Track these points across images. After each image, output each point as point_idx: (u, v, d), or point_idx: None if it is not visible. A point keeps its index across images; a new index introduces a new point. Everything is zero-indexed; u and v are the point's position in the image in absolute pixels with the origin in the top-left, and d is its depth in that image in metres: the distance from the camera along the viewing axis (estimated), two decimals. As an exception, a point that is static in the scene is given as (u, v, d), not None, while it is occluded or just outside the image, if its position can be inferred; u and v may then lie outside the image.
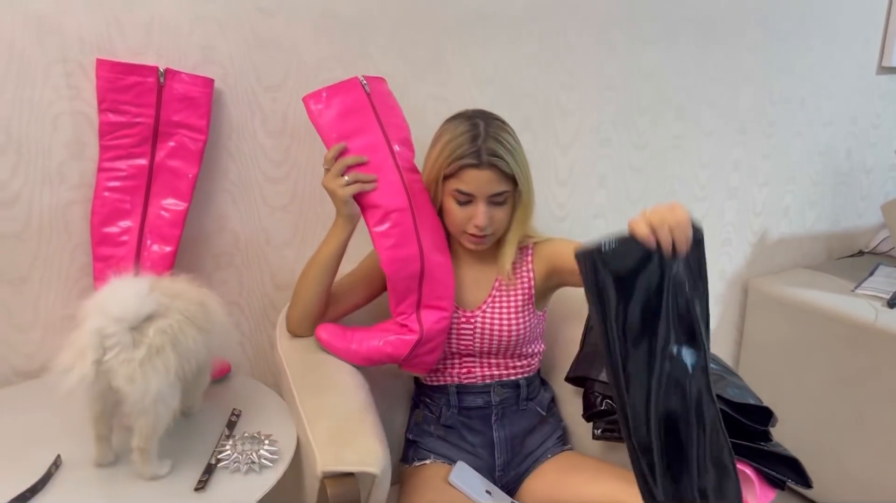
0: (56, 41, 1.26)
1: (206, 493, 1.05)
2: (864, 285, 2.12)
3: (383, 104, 1.34)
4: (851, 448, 1.99)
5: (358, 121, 1.29)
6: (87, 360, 0.96)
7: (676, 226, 0.92)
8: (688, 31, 1.92)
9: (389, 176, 1.29)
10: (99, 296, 1.01)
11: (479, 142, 1.28)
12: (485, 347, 1.38)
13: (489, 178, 1.28)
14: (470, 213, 1.31)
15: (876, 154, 2.48)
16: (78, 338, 0.98)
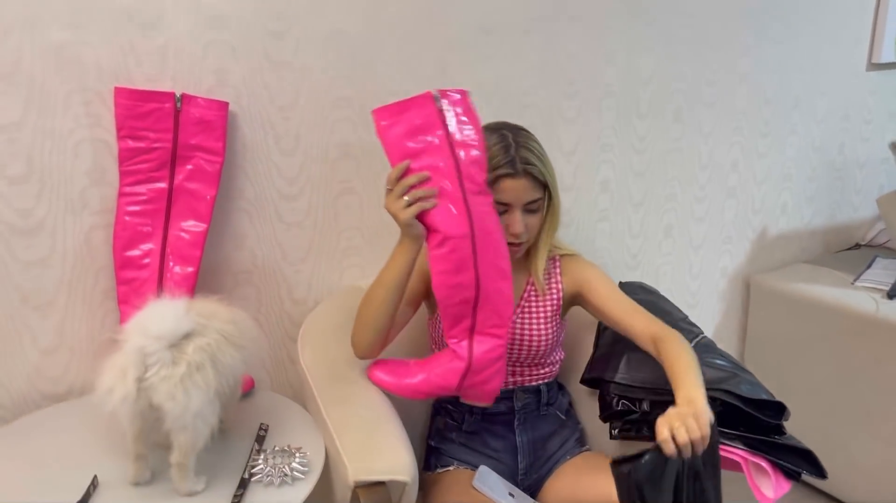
0: (75, 71, 1.29)
1: (242, 507, 1.08)
2: (863, 277, 2.17)
3: (457, 121, 1.25)
4: (858, 439, 2.03)
5: (426, 140, 1.22)
6: (129, 379, 0.99)
7: (698, 438, 1.08)
8: (683, 37, 1.97)
9: (452, 201, 1.22)
10: (138, 317, 1.05)
11: (512, 151, 1.31)
12: (513, 356, 1.42)
13: (525, 186, 1.31)
14: (506, 221, 1.33)
15: (868, 149, 2.53)
16: (119, 359, 1.01)
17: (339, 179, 1.58)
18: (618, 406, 1.38)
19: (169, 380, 1.01)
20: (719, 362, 1.32)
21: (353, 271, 1.65)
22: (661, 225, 2.10)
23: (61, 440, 1.26)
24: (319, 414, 1.27)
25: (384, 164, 1.63)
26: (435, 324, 1.45)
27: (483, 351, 1.27)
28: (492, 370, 1.29)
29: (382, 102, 1.58)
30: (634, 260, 2.08)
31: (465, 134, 1.24)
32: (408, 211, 1.20)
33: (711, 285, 2.27)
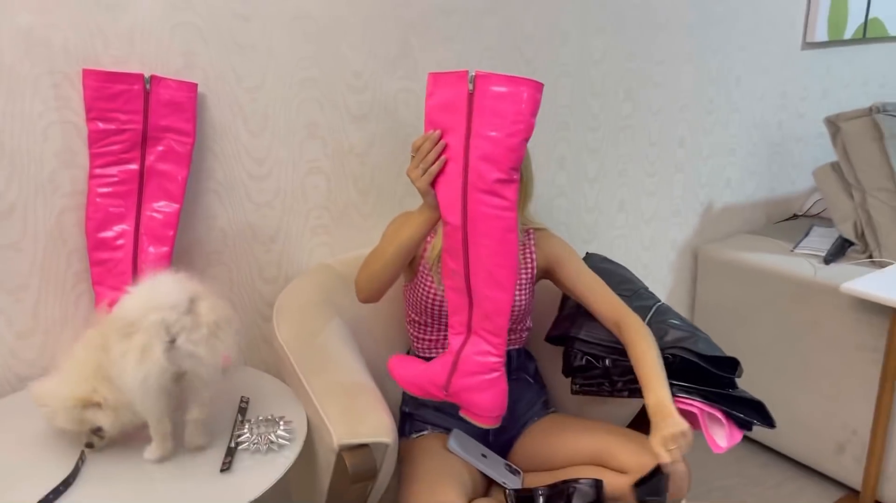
0: (43, 54, 1.29)
1: (231, 474, 1.12)
2: (802, 245, 2.30)
3: (485, 109, 1.17)
4: (799, 395, 2.17)
5: (449, 118, 1.19)
6: (157, 352, 1.03)
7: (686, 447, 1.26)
8: (633, 18, 2.05)
9: (452, 188, 1.21)
10: (136, 299, 1.08)
11: None
12: None
13: None
14: None
15: (804, 124, 2.67)
16: (136, 340, 1.04)
17: (306, 159, 1.61)
18: (581, 361, 1.45)
19: (198, 343, 1.06)
20: (677, 322, 1.41)
21: (321, 249, 1.69)
22: (614, 200, 2.19)
23: (40, 422, 1.27)
24: (300, 384, 1.31)
25: (351, 144, 1.68)
26: (412, 288, 1.50)
27: (473, 352, 1.26)
28: (482, 380, 1.26)
29: (348, 84, 1.63)
30: (590, 233, 2.17)
31: (491, 125, 1.17)
32: (422, 179, 1.22)
33: (662, 256, 2.38)
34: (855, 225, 2.19)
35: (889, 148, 2.07)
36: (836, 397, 2.09)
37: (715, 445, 1.33)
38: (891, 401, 1.94)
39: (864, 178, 2.13)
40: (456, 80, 1.18)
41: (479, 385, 1.27)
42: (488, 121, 1.17)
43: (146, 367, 1.04)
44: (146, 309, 1.05)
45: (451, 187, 1.21)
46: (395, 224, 1.48)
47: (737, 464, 2.27)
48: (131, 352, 1.05)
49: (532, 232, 1.55)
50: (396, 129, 1.71)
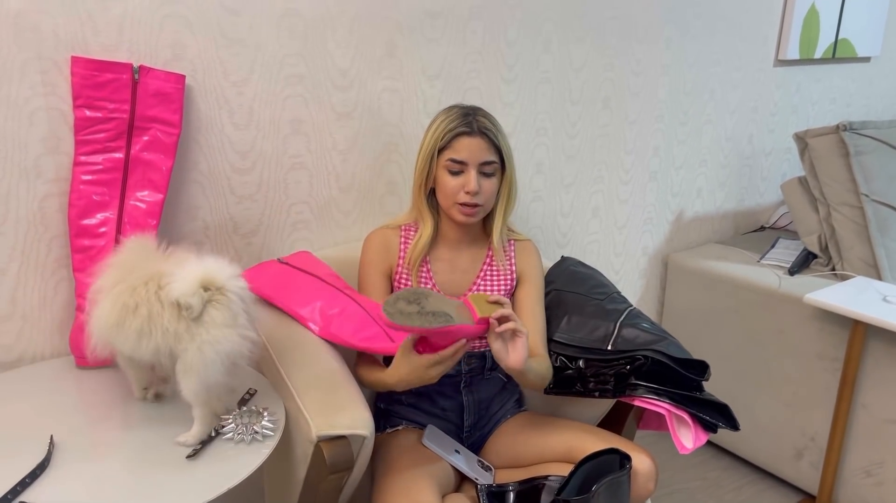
0: (32, 39, 1.29)
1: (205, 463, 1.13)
2: (768, 256, 2.38)
3: (303, 263, 1.55)
4: (762, 401, 2.24)
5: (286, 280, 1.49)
6: (242, 319, 1.13)
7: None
8: (612, 29, 2.10)
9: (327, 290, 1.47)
10: (201, 271, 1.12)
11: (471, 117, 1.44)
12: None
13: (480, 145, 1.43)
14: (462, 181, 1.44)
15: (774, 139, 2.75)
16: (216, 313, 1.11)
17: (289, 154, 1.63)
18: (556, 362, 1.49)
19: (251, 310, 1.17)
20: (647, 326, 1.45)
21: (301, 244, 1.71)
22: (589, 206, 2.24)
23: (15, 407, 1.27)
24: (280, 377, 1.33)
25: (334, 141, 1.70)
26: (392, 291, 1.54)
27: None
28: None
29: (333, 82, 1.65)
30: (564, 238, 2.22)
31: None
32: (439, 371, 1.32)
33: (633, 262, 2.44)
34: (819, 238, 2.26)
35: (854, 165, 2.15)
36: (797, 404, 2.16)
37: (681, 446, 1.38)
38: (848, 409, 2.01)
39: (829, 193, 2.21)
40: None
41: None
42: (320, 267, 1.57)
43: (234, 342, 1.10)
44: (211, 281, 1.09)
45: (356, 314, 1.42)
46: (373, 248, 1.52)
47: (699, 468, 2.33)
48: (207, 331, 1.09)
49: (513, 242, 1.58)
50: (379, 128, 1.74)
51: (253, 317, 1.17)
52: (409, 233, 1.54)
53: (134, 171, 1.41)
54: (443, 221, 1.53)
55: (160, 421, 1.23)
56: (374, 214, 1.79)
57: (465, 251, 1.54)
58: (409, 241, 1.53)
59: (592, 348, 1.45)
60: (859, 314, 1.87)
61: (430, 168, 1.47)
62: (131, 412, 1.27)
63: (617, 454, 1.33)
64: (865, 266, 2.15)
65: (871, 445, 2.01)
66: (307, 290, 1.46)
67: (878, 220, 2.14)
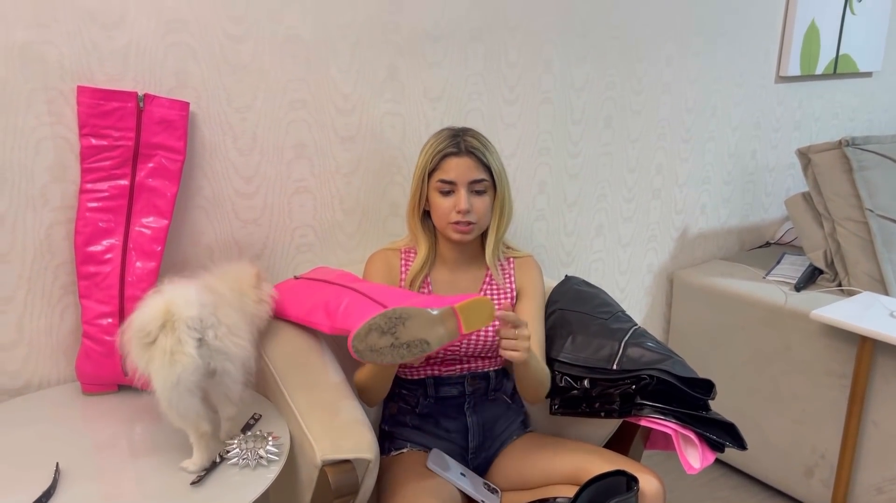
0: (38, 70, 1.31)
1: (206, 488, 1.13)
2: (773, 272, 2.37)
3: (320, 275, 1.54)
4: (770, 419, 2.22)
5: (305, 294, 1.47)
6: (189, 349, 1.08)
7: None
8: (613, 48, 2.12)
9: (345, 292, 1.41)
10: (155, 304, 1.11)
11: (459, 138, 1.48)
12: (471, 349, 1.52)
13: (468, 164, 1.45)
14: (453, 201, 1.46)
15: (777, 155, 2.75)
16: (162, 342, 1.09)
17: (293, 178, 1.64)
18: (561, 382, 1.49)
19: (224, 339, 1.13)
20: (653, 345, 1.45)
21: (306, 267, 1.71)
22: (592, 224, 2.25)
23: (21, 434, 1.28)
24: (284, 400, 1.33)
25: (337, 164, 1.71)
26: None
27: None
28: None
29: (336, 106, 1.67)
30: (569, 257, 2.22)
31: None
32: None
33: (638, 280, 2.43)
34: (825, 254, 2.26)
35: (857, 180, 2.15)
36: (806, 421, 2.14)
37: (689, 466, 1.37)
38: (858, 426, 1.99)
39: (833, 209, 2.21)
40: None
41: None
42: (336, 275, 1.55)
43: (178, 368, 1.08)
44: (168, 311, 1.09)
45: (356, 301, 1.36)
46: (375, 268, 1.54)
47: (708, 488, 2.31)
48: (158, 356, 1.09)
49: (513, 260, 1.59)
50: (382, 151, 1.75)
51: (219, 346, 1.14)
52: (409, 255, 1.56)
53: (139, 198, 1.42)
54: (440, 242, 1.55)
55: (166, 448, 1.23)
56: (378, 236, 1.80)
57: (464, 271, 1.55)
58: (409, 262, 1.54)
59: (597, 368, 1.44)
60: (866, 330, 1.86)
61: (421, 191, 1.50)
62: (137, 439, 1.28)
63: (624, 476, 1.32)
64: (872, 281, 2.14)
65: (883, 462, 1.99)
66: (315, 296, 1.45)
67: (882, 234, 2.13)
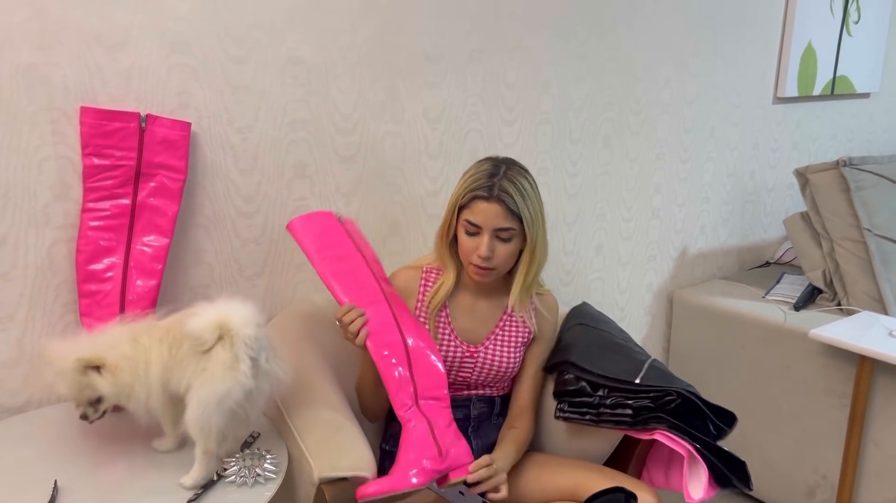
0: (42, 91, 1.33)
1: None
2: (773, 292, 2.37)
3: (353, 232, 1.53)
4: (770, 437, 2.22)
5: (334, 240, 1.47)
6: (244, 368, 1.12)
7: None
8: (611, 69, 2.14)
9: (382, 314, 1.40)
10: (211, 316, 1.15)
11: (495, 179, 1.40)
12: (481, 378, 1.52)
13: (496, 211, 1.39)
14: (476, 243, 1.42)
15: (775, 175, 2.77)
16: (220, 354, 1.12)
17: (294, 198, 1.66)
18: (576, 385, 1.48)
19: (273, 361, 1.18)
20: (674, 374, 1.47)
21: (306, 285, 1.72)
22: (592, 243, 2.26)
23: (20, 452, 1.28)
24: (281, 418, 1.33)
25: (337, 184, 1.73)
26: None
27: (432, 408, 1.38)
28: (452, 427, 1.39)
29: (337, 126, 1.69)
30: (568, 276, 2.22)
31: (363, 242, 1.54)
32: (359, 340, 1.36)
33: (638, 300, 2.44)
34: (824, 273, 2.26)
35: (855, 199, 2.16)
36: (806, 441, 2.13)
37: (688, 495, 1.36)
38: (858, 446, 1.99)
39: (831, 228, 2.22)
40: (325, 216, 1.48)
41: (456, 433, 1.40)
42: (358, 238, 1.52)
43: (229, 383, 1.11)
44: (225, 324, 1.12)
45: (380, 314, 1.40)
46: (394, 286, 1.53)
47: (710, 507, 2.30)
48: (212, 367, 1.11)
49: (534, 297, 1.58)
50: (382, 171, 1.76)
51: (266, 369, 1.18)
52: (430, 275, 1.54)
53: (140, 217, 1.43)
54: (464, 270, 1.52)
55: (164, 466, 1.23)
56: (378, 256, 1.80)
57: (484, 299, 1.55)
58: (429, 283, 1.53)
59: (618, 379, 1.44)
60: (866, 349, 1.86)
61: (450, 222, 1.46)
62: (135, 457, 1.28)
63: (623, 493, 1.32)
64: (871, 300, 2.15)
65: (884, 482, 1.98)
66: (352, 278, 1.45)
67: (881, 254, 2.14)
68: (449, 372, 1.50)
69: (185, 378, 1.17)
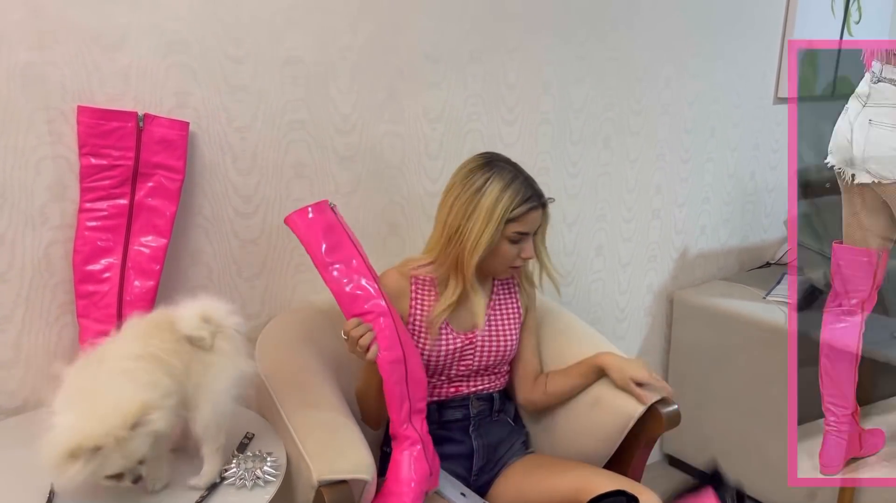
0: (39, 90, 1.33)
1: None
2: (773, 293, 2.37)
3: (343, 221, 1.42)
4: (772, 440, 2.20)
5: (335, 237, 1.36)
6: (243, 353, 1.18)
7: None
8: (611, 70, 2.13)
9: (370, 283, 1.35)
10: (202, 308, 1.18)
11: (530, 183, 1.46)
12: (483, 363, 1.52)
13: (542, 214, 1.49)
14: (519, 249, 1.47)
15: (776, 176, 2.76)
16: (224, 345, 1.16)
17: (292, 198, 1.65)
18: None
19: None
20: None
21: (304, 286, 1.71)
22: (592, 244, 2.25)
23: (17, 453, 1.26)
24: (281, 420, 1.32)
25: (336, 184, 1.72)
26: None
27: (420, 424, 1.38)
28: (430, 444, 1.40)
29: (336, 126, 1.68)
30: (568, 277, 2.22)
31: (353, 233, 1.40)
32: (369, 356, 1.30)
33: (638, 301, 2.43)
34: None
35: (856, 200, 2.15)
36: (807, 442, 2.12)
37: None
38: (860, 447, 1.98)
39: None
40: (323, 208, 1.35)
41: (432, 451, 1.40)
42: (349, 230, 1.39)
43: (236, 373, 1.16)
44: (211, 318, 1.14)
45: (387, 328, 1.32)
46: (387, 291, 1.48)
47: (711, 509, 2.29)
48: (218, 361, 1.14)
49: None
50: (381, 171, 1.76)
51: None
52: (422, 286, 1.52)
53: (138, 217, 1.43)
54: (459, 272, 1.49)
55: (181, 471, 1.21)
56: (378, 256, 1.79)
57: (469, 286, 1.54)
58: (422, 294, 1.51)
59: None
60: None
61: (492, 237, 1.42)
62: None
63: (624, 495, 1.31)
64: (872, 301, 2.14)
65: (885, 484, 1.97)
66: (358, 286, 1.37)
67: (882, 254, 2.13)
68: (451, 364, 1.50)
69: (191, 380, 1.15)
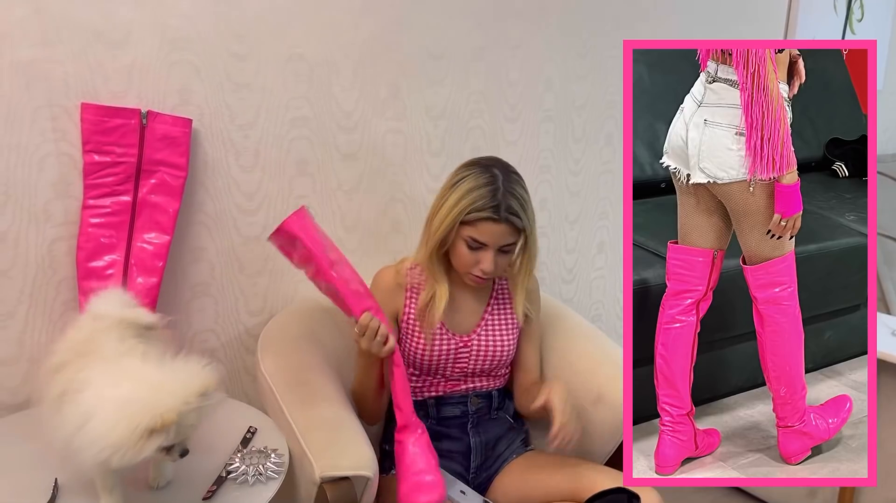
0: (43, 87, 1.33)
1: (214, 502, 1.13)
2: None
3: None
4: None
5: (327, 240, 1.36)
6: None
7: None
8: (613, 67, 2.13)
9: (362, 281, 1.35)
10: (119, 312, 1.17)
11: (500, 196, 1.36)
12: (478, 367, 1.51)
13: (504, 231, 1.37)
14: (478, 257, 1.39)
15: (778, 173, 2.75)
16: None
17: (295, 195, 1.65)
18: None
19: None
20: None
21: (307, 283, 1.69)
22: (594, 241, 2.25)
23: (20, 449, 1.27)
24: (283, 417, 1.33)
25: (339, 181, 1.72)
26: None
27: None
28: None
29: (338, 123, 1.68)
30: (570, 274, 2.22)
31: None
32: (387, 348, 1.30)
33: (640, 298, 2.43)
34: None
35: (858, 198, 2.15)
36: (808, 440, 2.12)
37: None
38: (861, 445, 1.98)
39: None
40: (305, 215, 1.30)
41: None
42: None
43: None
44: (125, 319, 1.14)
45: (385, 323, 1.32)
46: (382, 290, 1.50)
47: (711, 506, 2.29)
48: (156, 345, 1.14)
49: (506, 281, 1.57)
50: (384, 168, 1.76)
51: None
52: (414, 283, 1.51)
53: (141, 214, 1.43)
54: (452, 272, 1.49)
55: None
56: (379, 253, 1.80)
57: (471, 294, 1.53)
58: (414, 294, 1.50)
59: None
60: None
61: (448, 237, 1.40)
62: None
63: (625, 493, 1.31)
64: (874, 299, 2.14)
65: (886, 482, 1.97)
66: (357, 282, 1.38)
67: (884, 253, 2.13)
68: (446, 365, 1.50)
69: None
